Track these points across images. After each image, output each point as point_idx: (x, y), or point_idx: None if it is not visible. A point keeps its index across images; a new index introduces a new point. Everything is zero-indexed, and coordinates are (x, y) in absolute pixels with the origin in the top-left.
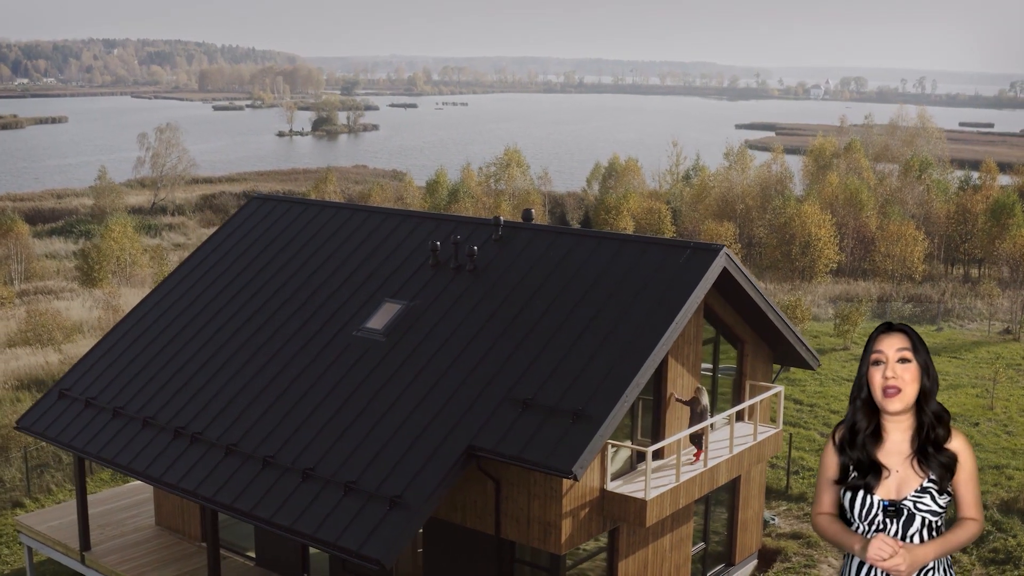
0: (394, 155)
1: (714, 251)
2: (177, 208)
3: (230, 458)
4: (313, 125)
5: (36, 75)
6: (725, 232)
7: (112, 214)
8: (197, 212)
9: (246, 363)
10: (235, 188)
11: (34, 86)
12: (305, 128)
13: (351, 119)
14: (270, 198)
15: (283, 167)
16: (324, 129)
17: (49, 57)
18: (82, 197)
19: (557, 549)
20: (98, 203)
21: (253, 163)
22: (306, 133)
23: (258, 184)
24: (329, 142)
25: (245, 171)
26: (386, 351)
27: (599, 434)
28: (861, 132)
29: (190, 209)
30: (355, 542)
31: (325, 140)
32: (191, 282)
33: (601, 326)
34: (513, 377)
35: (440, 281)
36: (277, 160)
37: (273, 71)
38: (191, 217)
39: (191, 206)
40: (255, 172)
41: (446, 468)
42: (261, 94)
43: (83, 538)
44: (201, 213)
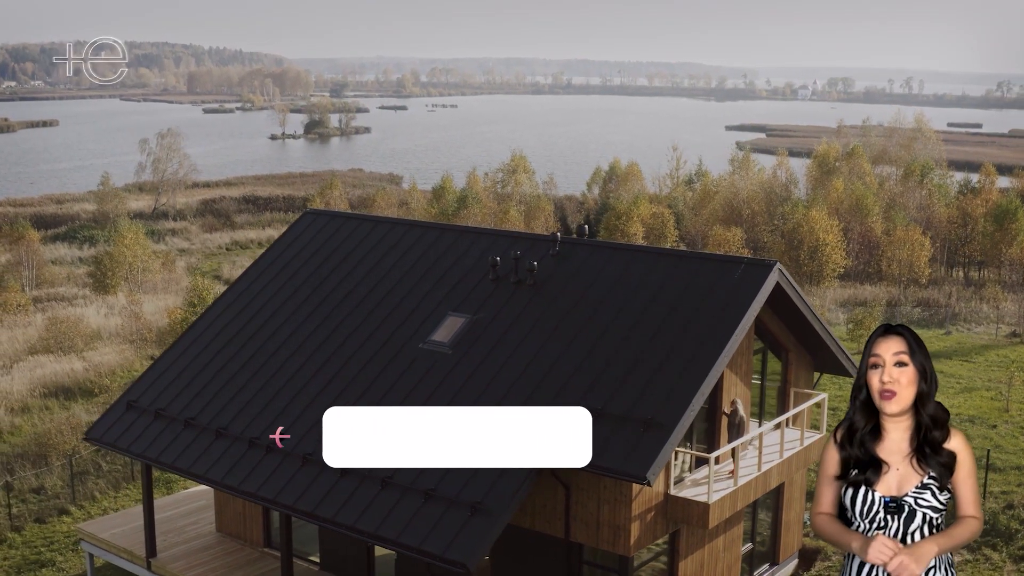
0: (388, 158)
1: (768, 266)
2: (178, 213)
3: (307, 467)
4: (305, 128)
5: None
6: (733, 237)
7: (116, 219)
8: (198, 217)
9: (315, 374)
10: (233, 192)
11: (22, 89)
12: (297, 131)
13: (343, 122)
14: (323, 212)
15: (278, 171)
16: (316, 132)
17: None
18: (82, 202)
19: (626, 551)
20: (101, 208)
21: (247, 167)
22: (298, 136)
23: (256, 188)
24: (322, 145)
25: (242, 175)
26: (453, 363)
27: (670, 441)
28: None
29: (191, 214)
30: (439, 546)
31: (318, 143)
32: (251, 295)
33: (663, 339)
34: (581, 388)
35: (501, 295)
36: (271, 164)
37: (261, 73)
38: (193, 222)
39: (192, 211)
40: (252, 176)
41: (523, 475)
42: (251, 97)
43: (149, 545)
44: (202, 218)
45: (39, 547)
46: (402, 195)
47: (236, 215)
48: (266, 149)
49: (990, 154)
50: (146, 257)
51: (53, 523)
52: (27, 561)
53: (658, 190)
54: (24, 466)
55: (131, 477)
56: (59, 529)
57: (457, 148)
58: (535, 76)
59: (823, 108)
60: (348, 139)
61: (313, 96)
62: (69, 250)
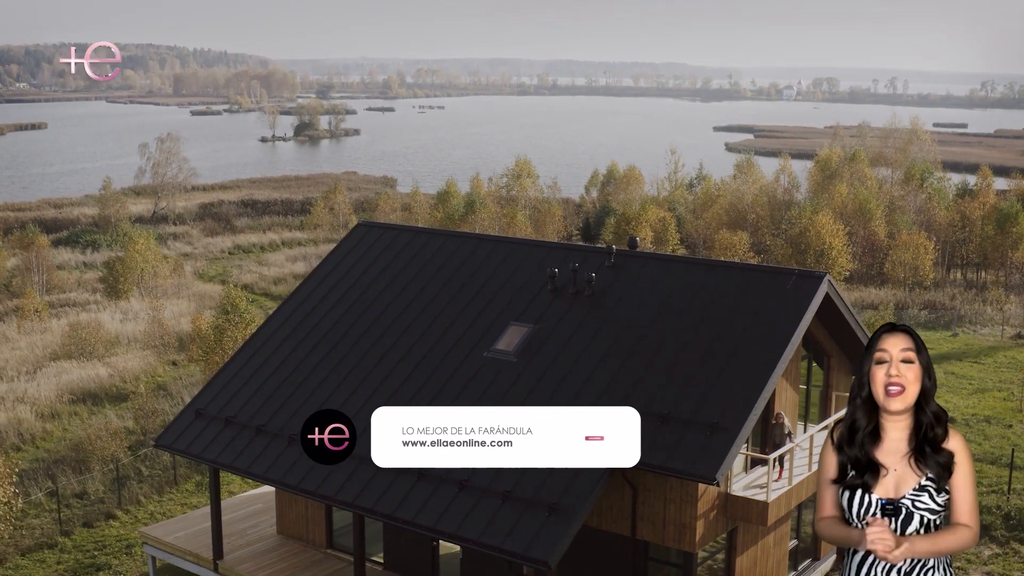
0: (378, 160)
1: (818, 278)
2: (178, 217)
3: (383, 472)
4: (295, 130)
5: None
6: (739, 242)
7: (118, 224)
8: (198, 221)
9: (383, 380)
10: (230, 196)
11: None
12: (287, 133)
13: (333, 124)
14: (375, 224)
15: (270, 173)
16: (306, 134)
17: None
18: (81, 206)
19: (691, 548)
20: (103, 212)
21: (239, 170)
22: (288, 138)
23: (253, 192)
24: (312, 147)
25: (236, 178)
26: (519, 371)
27: (735, 444)
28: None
29: (191, 218)
30: (520, 545)
31: (308, 145)
32: (311, 305)
33: (721, 347)
34: (646, 394)
35: (561, 306)
36: (264, 166)
37: (248, 75)
38: (193, 226)
39: (192, 215)
40: (247, 180)
41: (597, 477)
42: (238, 98)
43: (216, 547)
44: (202, 222)
45: (91, 551)
46: (404, 199)
47: (236, 219)
48: (257, 151)
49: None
50: (157, 262)
51: (101, 527)
52: (82, 565)
53: (656, 193)
54: (64, 471)
55: (173, 482)
56: (109, 533)
57: (448, 150)
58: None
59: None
60: (338, 141)
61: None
62: (72, 255)
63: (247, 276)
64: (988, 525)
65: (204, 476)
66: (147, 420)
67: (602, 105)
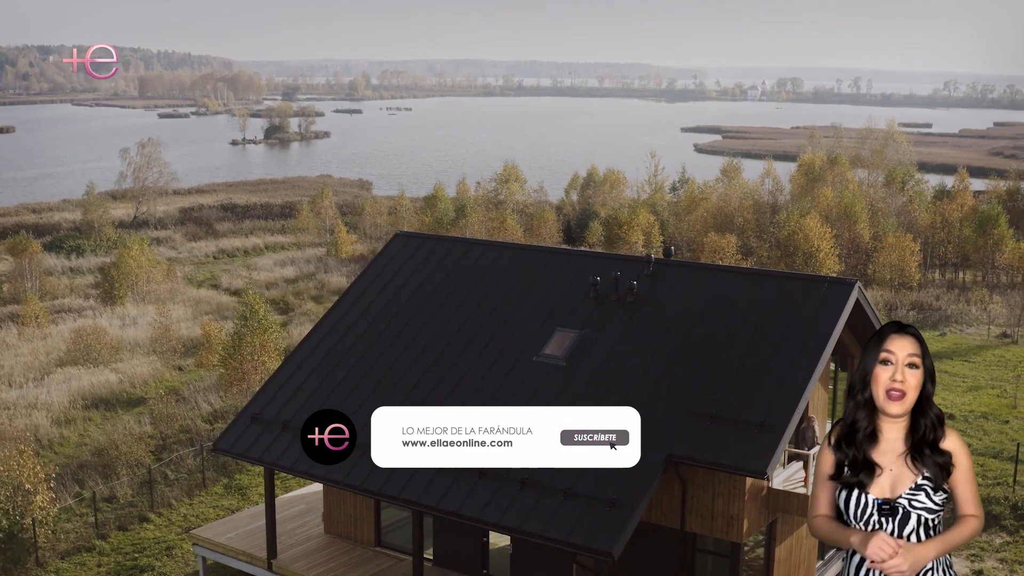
0: (350, 163)
1: (849, 284)
2: (159, 221)
3: (444, 472)
4: (265, 133)
5: None
6: (727, 244)
7: (101, 229)
8: (180, 225)
9: (435, 385)
10: (208, 200)
11: None
12: (257, 136)
13: (303, 127)
14: (414, 235)
15: (244, 176)
16: (277, 137)
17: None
18: (62, 211)
19: (739, 538)
20: (86, 217)
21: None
22: (259, 141)
23: (231, 196)
24: (282, 150)
25: (211, 182)
26: (569, 374)
27: (783, 441)
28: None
29: (172, 222)
30: (585, 538)
31: (278, 148)
32: (357, 313)
33: (761, 351)
34: (693, 395)
35: (604, 312)
36: (238, 169)
37: (214, 77)
38: (176, 230)
39: (173, 219)
40: (223, 183)
41: (653, 474)
42: (205, 101)
43: (270, 546)
44: (184, 226)
45: (130, 553)
46: (388, 203)
47: (217, 223)
48: (228, 154)
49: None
50: (151, 268)
51: (136, 530)
52: (123, 567)
53: (637, 196)
54: (92, 476)
55: (202, 485)
56: (145, 536)
57: (419, 153)
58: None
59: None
60: (308, 144)
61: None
62: (58, 260)
63: (238, 281)
64: (997, 515)
65: (231, 479)
66: (165, 424)
67: (568, 106)
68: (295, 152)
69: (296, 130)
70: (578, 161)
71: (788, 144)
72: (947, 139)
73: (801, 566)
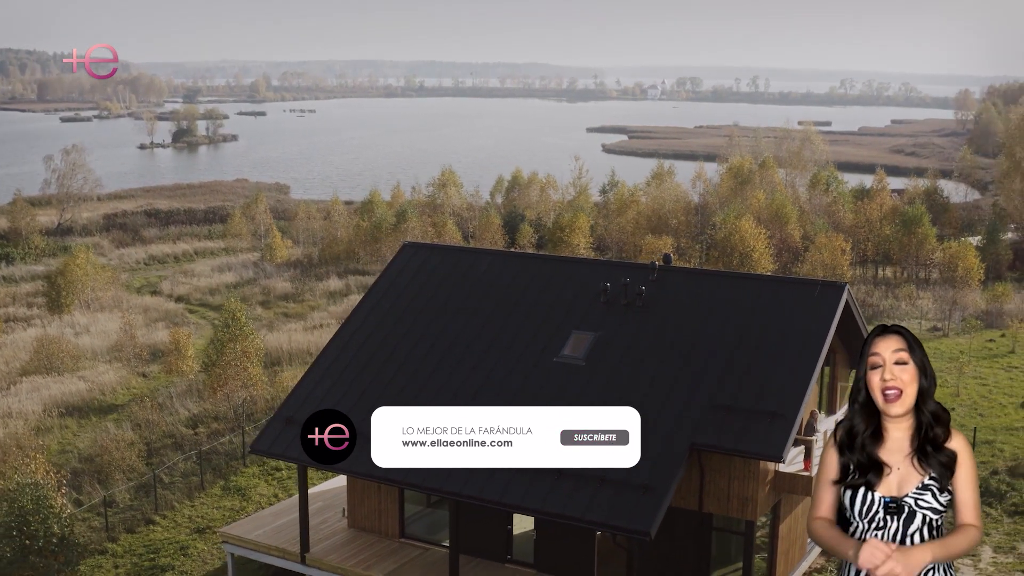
0: (262, 167)
1: (840, 288)
2: (83, 228)
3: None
4: (173, 137)
5: None
6: (664, 246)
7: (29, 237)
8: (105, 232)
9: (461, 385)
10: (128, 206)
11: None
12: (165, 140)
13: (211, 130)
14: (422, 245)
15: (155, 181)
16: (185, 140)
17: None
18: None
19: (753, 516)
20: (14, 225)
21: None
22: (167, 145)
23: (151, 201)
24: (191, 154)
25: (130, 188)
26: (590, 373)
27: (794, 428)
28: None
29: (97, 229)
30: (623, 520)
31: (186, 152)
32: (377, 319)
33: (766, 347)
34: (708, 389)
35: (614, 316)
36: (151, 174)
37: (114, 80)
38: (102, 237)
39: (97, 226)
40: (141, 188)
41: (680, 461)
42: (108, 104)
43: (304, 540)
44: (109, 233)
45: (144, 554)
46: (324, 208)
47: (143, 229)
48: (137, 159)
49: (846, 152)
50: (96, 275)
51: (144, 532)
52: (142, 568)
53: (562, 197)
54: (89, 482)
55: (200, 487)
56: (155, 537)
57: (328, 155)
58: (386, 79)
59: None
60: (217, 147)
61: (168, 102)
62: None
63: (180, 288)
64: None
65: (228, 481)
66: (148, 430)
67: (471, 107)
68: (204, 156)
69: (204, 133)
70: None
71: (694, 144)
72: (848, 137)
73: (797, 542)
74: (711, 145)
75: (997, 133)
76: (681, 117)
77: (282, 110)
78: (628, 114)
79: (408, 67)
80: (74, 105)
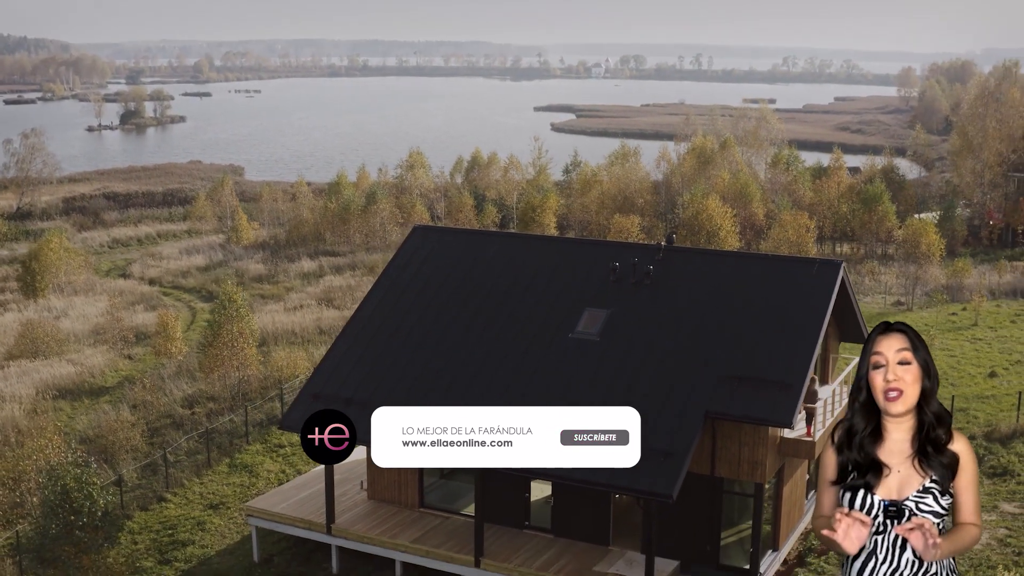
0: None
1: (836, 265)
2: (43, 212)
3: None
4: (121, 119)
5: None
6: (631, 225)
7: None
8: (65, 216)
9: (482, 363)
10: (85, 189)
11: None
12: (113, 122)
13: (158, 111)
14: (432, 228)
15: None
16: (133, 122)
17: None
18: None
19: (762, 479)
20: None
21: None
22: (115, 127)
23: (108, 184)
24: (139, 136)
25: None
26: (605, 347)
27: (801, 396)
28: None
29: (56, 213)
30: (647, 484)
31: (135, 134)
32: (394, 298)
33: (769, 321)
34: (720, 360)
35: (624, 294)
36: (102, 157)
37: (55, 61)
38: (63, 221)
39: (57, 210)
40: (96, 171)
41: (696, 428)
42: (51, 86)
43: (329, 512)
44: (69, 217)
45: (161, 530)
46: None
47: (103, 213)
48: (86, 142)
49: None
50: (69, 259)
51: (157, 509)
52: (162, 543)
53: (522, 177)
54: (97, 462)
55: (207, 465)
56: (169, 514)
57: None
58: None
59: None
60: (165, 129)
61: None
62: None
63: (151, 271)
64: None
65: (233, 459)
66: (146, 411)
67: (416, 85)
68: (153, 138)
69: (152, 115)
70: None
71: (642, 123)
72: (793, 115)
73: (797, 504)
74: (659, 123)
75: (942, 110)
76: (626, 95)
77: (227, 91)
78: (572, 93)
79: (351, 46)
80: (16, 87)
